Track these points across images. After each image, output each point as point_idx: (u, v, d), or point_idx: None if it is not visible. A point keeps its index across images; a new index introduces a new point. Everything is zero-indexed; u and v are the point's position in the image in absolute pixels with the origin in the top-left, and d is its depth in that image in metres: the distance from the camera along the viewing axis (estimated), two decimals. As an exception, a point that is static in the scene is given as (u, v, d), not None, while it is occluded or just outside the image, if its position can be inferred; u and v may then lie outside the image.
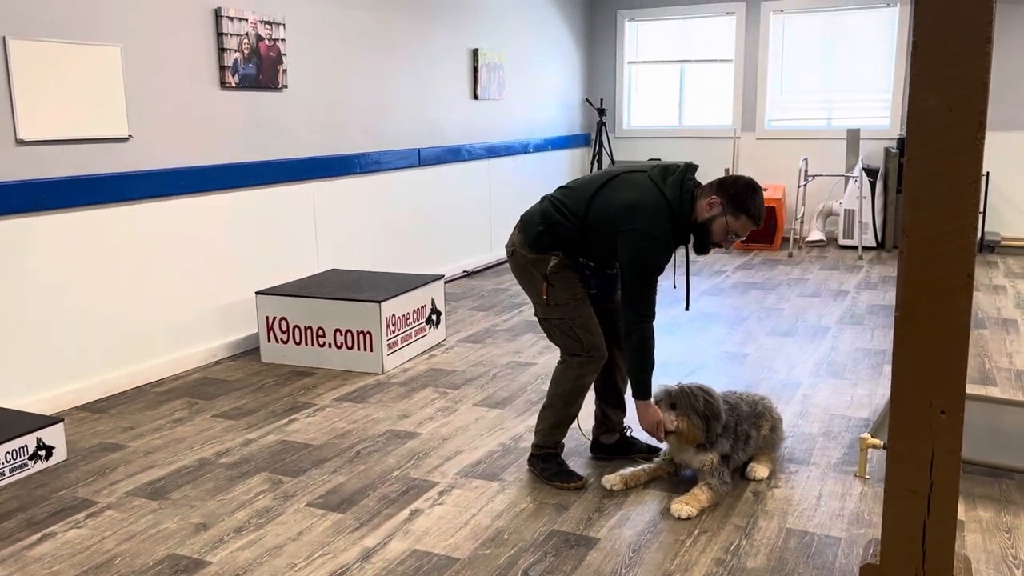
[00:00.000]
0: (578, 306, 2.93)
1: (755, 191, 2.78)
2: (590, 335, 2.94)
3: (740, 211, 2.77)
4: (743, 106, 8.49)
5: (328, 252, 5.39)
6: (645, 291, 2.79)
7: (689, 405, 2.84)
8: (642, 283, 2.78)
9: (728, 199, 2.77)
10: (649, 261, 2.76)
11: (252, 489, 3.00)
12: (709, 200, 2.79)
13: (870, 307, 5.56)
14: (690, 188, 2.82)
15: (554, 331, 2.98)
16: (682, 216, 2.81)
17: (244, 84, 4.66)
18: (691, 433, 2.85)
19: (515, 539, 2.62)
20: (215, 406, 3.87)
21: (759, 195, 2.79)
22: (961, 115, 1.75)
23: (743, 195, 2.76)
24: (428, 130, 6.36)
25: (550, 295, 2.92)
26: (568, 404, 2.99)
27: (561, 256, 2.92)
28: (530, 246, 2.94)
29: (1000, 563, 2.44)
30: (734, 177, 2.82)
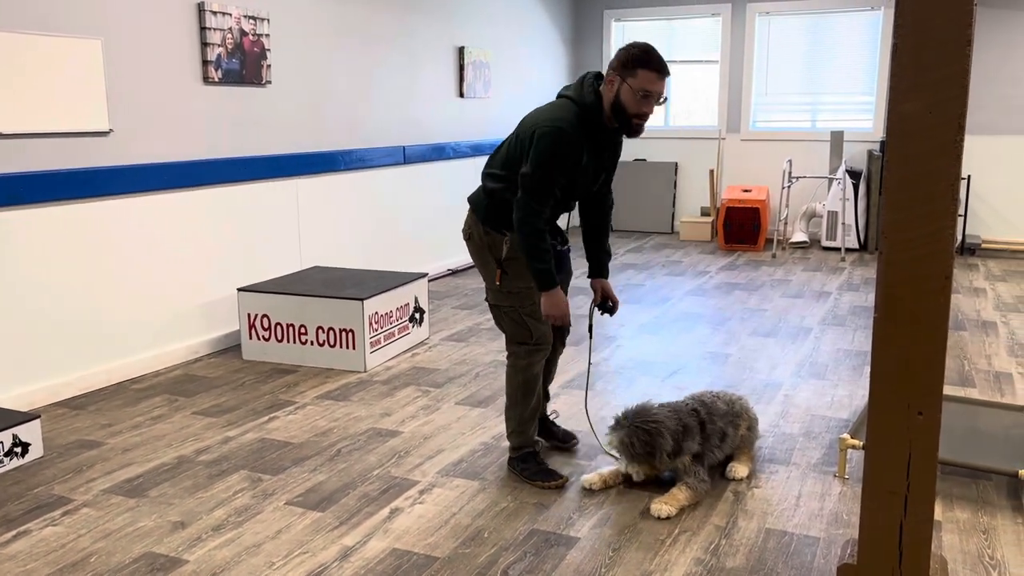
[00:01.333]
0: (529, 295, 2.91)
1: (642, 47, 2.71)
2: (539, 324, 2.95)
3: (634, 67, 2.69)
4: (728, 107, 8.52)
5: (311, 249, 5.36)
6: (542, 185, 2.72)
7: (631, 455, 2.84)
8: (541, 175, 2.72)
9: (620, 65, 2.72)
10: (552, 149, 2.69)
11: (231, 487, 2.98)
12: (608, 80, 2.77)
13: (852, 308, 5.60)
14: (592, 83, 2.81)
15: (503, 318, 3.00)
16: (591, 109, 2.77)
17: (227, 79, 4.62)
18: (651, 472, 2.90)
19: (495, 538, 2.61)
20: (195, 403, 3.84)
21: (650, 48, 2.71)
22: (940, 118, 1.76)
23: (630, 53, 2.70)
24: (413, 128, 6.34)
25: (503, 282, 2.93)
26: (527, 396, 3.01)
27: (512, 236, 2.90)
28: (483, 222, 2.95)
29: (976, 563, 2.46)
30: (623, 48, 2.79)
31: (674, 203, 8.85)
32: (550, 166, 2.71)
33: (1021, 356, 4.50)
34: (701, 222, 8.37)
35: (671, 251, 7.80)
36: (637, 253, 7.69)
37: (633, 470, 2.87)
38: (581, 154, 2.77)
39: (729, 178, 8.61)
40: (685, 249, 7.92)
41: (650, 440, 2.81)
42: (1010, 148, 7.61)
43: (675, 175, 8.80)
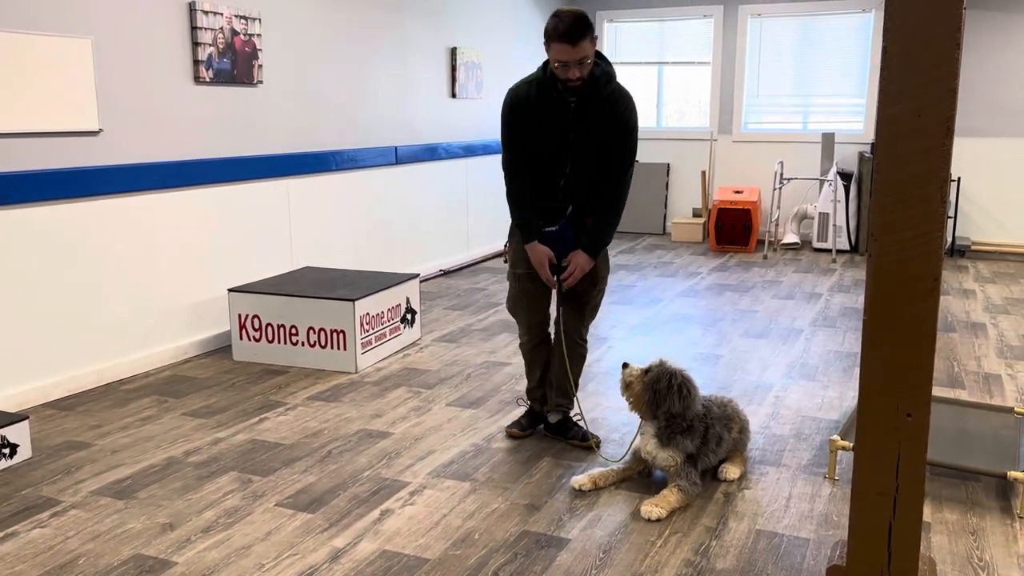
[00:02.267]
0: (513, 280, 3.26)
1: (552, 18, 2.86)
2: (518, 311, 3.31)
3: (547, 40, 2.88)
4: (720, 109, 8.53)
5: (303, 250, 5.35)
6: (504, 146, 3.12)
7: (655, 379, 2.89)
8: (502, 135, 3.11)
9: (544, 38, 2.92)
10: (504, 110, 3.08)
11: (221, 488, 2.96)
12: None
13: (843, 310, 5.61)
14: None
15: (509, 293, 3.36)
16: (543, 78, 3.02)
17: (219, 79, 4.61)
18: (636, 395, 2.92)
19: (485, 540, 2.61)
20: (185, 404, 3.83)
21: (557, 19, 2.84)
22: (929, 121, 1.76)
23: (546, 26, 2.89)
24: (405, 128, 6.34)
25: (507, 253, 3.26)
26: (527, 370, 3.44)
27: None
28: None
29: (965, 565, 2.47)
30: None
31: (666, 204, 8.86)
32: (504, 125, 3.09)
33: (1010, 358, 4.52)
34: (693, 223, 8.38)
35: (663, 252, 7.81)
36: (629, 254, 7.69)
37: (636, 382, 2.90)
38: (531, 117, 3.02)
39: (721, 179, 8.63)
40: (677, 250, 7.93)
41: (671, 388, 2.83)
42: (999, 150, 7.65)
43: (667, 176, 8.81)
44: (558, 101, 3.00)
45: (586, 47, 2.85)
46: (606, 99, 3.00)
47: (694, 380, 2.94)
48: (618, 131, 3.01)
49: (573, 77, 2.89)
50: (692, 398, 2.88)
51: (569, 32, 2.80)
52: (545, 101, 3.01)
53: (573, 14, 2.85)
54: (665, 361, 2.93)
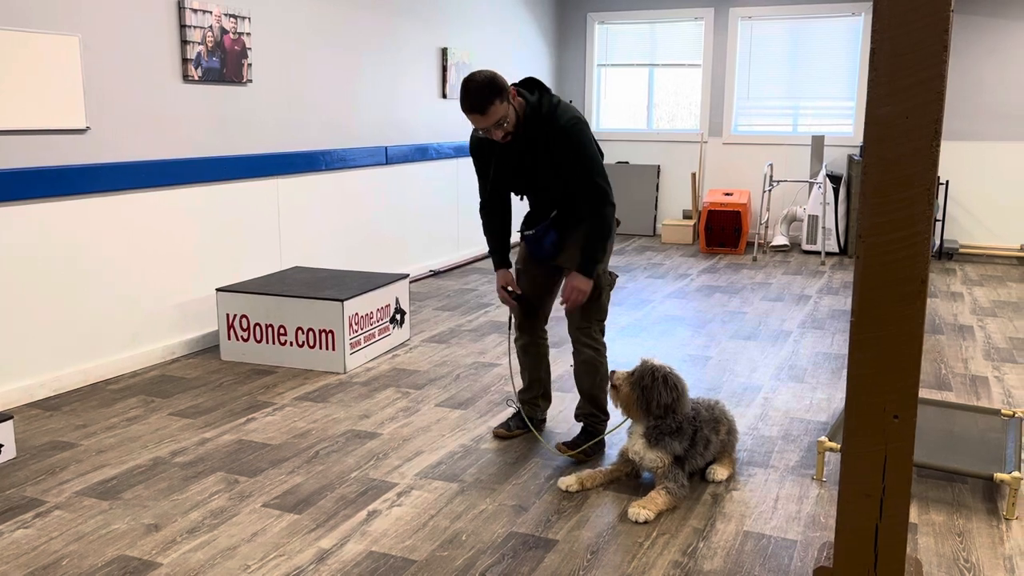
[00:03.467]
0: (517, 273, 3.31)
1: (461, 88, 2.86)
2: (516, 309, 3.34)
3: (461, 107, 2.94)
4: (710, 111, 8.55)
5: (292, 249, 5.33)
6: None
7: (639, 376, 2.89)
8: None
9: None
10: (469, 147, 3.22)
11: (207, 489, 2.94)
12: None
13: (831, 312, 5.63)
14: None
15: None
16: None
17: (207, 78, 4.59)
18: (625, 396, 2.91)
19: (473, 541, 2.60)
20: (172, 404, 3.80)
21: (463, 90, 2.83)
22: (917, 122, 1.77)
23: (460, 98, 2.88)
24: (396, 128, 6.32)
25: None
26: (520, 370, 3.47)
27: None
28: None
29: (952, 566, 2.47)
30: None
31: (656, 206, 8.88)
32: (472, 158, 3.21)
33: (997, 360, 4.55)
34: (683, 225, 8.39)
35: (653, 253, 7.82)
36: (619, 256, 7.70)
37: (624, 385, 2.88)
38: (485, 156, 3.13)
39: (711, 181, 8.64)
40: (667, 252, 7.94)
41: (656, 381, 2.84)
42: (987, 154, 7.69)
43: (657, 178, 8.83)
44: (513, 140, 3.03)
45: (497, 111, 2.83)
46: (545, 131, 2.97)
47: (681, 376, 2.94)
48: (568, 155, 2.97)
49: (498, 138, 2.94)
50: (680, 391, 2.88)
51: (475, 104, 2.82)
52: (492, 142, 3.08)
53: (479, 83, 2.81)
54: (648, 360, 2.94)
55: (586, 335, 3.20)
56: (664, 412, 2.86)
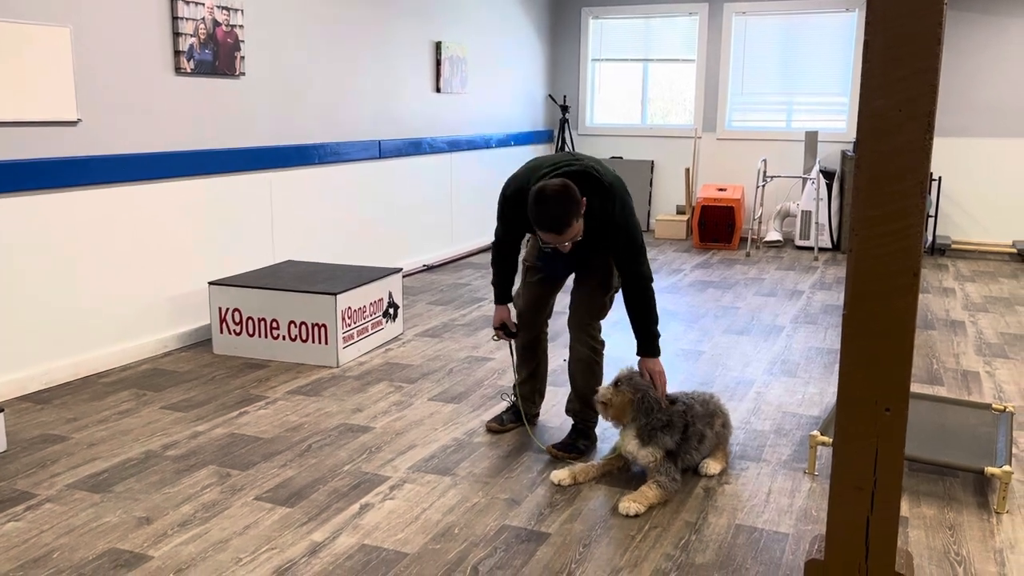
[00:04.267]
0: (525, 269, 3.31)
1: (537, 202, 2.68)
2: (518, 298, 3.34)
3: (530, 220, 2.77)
4: (704, 106, 8.55)
5: (284, 243, 5.32)
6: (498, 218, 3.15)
7: (628, 384, 2.90)
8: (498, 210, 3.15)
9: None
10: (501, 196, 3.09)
11: (199, 482, 2.94)
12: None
13: (824, 307, 5.64)
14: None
15: None
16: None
17: (200, 70, 4.56)
18: (617, 408, 2.91)
19: (465, 534, 2.60)
20: (164, 398, 3.79)
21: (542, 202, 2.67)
22: (910, 116, 1.77)
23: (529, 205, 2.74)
24: (389, 122, 6.31)
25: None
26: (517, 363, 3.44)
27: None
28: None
29: (943, 559, 2.48)
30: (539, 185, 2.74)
31: (650, 201, 8.88)
32: (499, 206, 3.09)
33: (988, 355, 4.56)
34: (676, 220, 8.40)
35: (647, 248, 7.82)
36: (613, 251, 7.69)
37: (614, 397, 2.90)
38: (515, 215, 3.02)
39: (705, 177, 8.65)
40: (660, 247, 7.95)
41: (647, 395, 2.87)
42: (980, 150, 7.71)
43: (651, 173, 8.83)
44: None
45: (573, 229, 2.72)
46: (601, 226, 2.90)
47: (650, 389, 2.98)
48: (619, 246, 2.92)
49: (565, 250, 2.89)
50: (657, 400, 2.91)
51: (554, 224, 2.68)
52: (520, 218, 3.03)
53: (558, 199, 2.65)
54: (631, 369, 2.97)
55: (588, 333, 3.19)
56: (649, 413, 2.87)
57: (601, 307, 3.19)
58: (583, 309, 3.18)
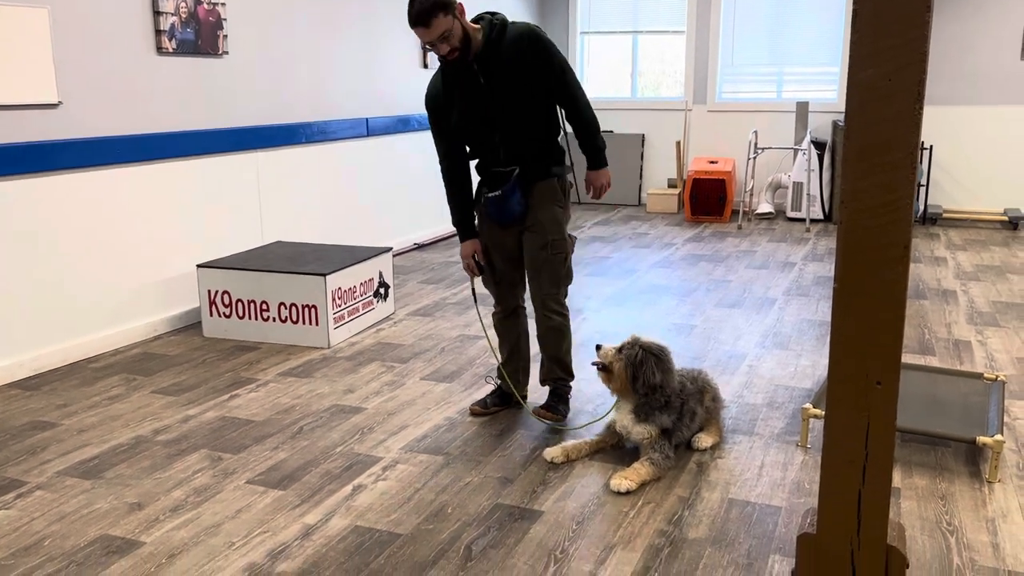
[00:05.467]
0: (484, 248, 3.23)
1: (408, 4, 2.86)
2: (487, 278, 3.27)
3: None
4: (695, 78, 8.49)
5: (273, 224, 5.27)
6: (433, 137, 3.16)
7: (630, 354, 2.87)
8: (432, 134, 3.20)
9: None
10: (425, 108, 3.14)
11: (190, 467, 2.92)
12: None
13: (816, 279, 5.64)
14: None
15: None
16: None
17: (182, 50, 4.50)
18: (618, 378, 2.88)
19: (459, 513, 2.59)
20: (154, 382, 3.77)
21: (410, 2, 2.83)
22: (899, 85, 1.74)
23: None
24: (376, 99, 6.24)
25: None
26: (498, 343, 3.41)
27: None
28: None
29: (934, 530, 2.49)
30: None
31: (641, 175, 8.84)
32: (430, 123, 3.12)
33: (980, 324, 4.57)
34: (668, 194, 8.37)
35: (638, 223, 7.80)
36: (604, 226, 7.67)
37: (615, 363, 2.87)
38: (447, 101, 3.02)
39: (696, 149, 8.61)
40: (652, 221, 7.92)
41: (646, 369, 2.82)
42: (971, 119, 7.68)
43: (642, 147, 8.78)
44: (464, 74, 2.99)
45: (441, 23, 2.81)
46: (508, 47, 2.95)
47: (669, 350, 2.93)
48: (537, 65, 2.97)
49: (443, 53, 2.90)
50: (670, 370, 2.87)
51: (420, 17, 2.81)
52: (452, 80, 3.02)
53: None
54: (639, 337, 2.92)
55: (555, 300, 3.17)
56: (651, 391, 2.85)
57: (566, 272, 3.17)
58: (545, 280, 3.14)
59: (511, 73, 2.95)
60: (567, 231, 3.16)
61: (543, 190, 3.08)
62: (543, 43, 2.98)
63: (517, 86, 2.96)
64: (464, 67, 2.97)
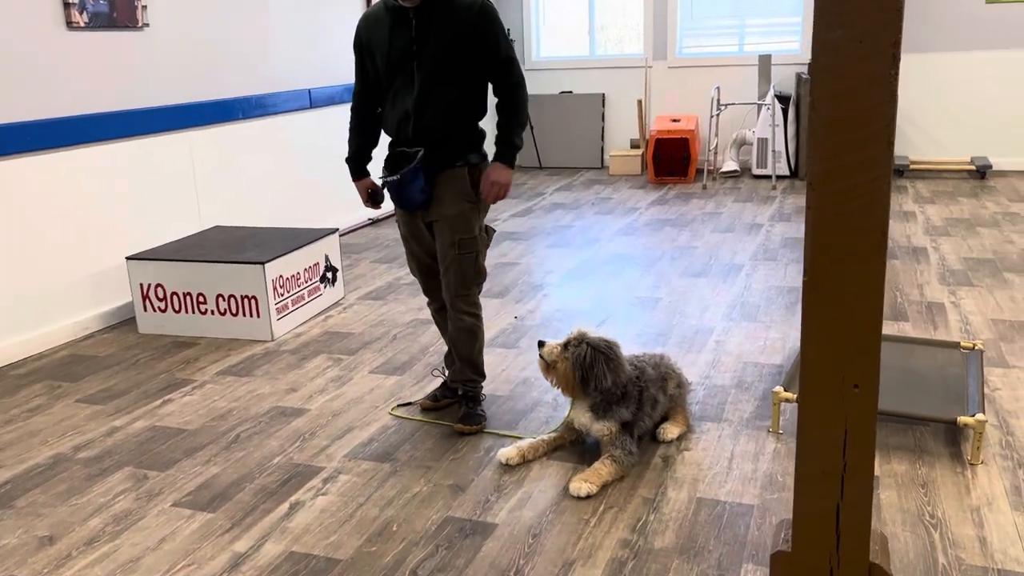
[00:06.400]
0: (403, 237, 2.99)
1: None
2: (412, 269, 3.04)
3: None
4: (654, 33, 8.20)
5: (211, 208, 4.96)
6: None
7: (579, 356, 2.64)
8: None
9: None
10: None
11: (112, 489, 2.67)
12: None
13: (784, 240, 5.45)
14: None
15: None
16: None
17: (96, 23, 4.13)
18: (563, 378, 2.66)
19: (405, 531, 2.38)
20: (81, 389, 3.49)
21: None
22: (873, 47, 1.50)
23: None
24: (319, 69, 5.89)
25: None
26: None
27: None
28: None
29: (917, 523, 2.32)
30: None
31: (603, 136, 8.57)
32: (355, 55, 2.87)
33: (953, 284, 4.41)
34: (631, 155, 8.12)
35: (601, 187, 7.55)
36: (567, 191, 7.42)
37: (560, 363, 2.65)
38: (374, 36, 2.75)
39: (658, 108, 8.34)
40: (615, 184, 7.68)
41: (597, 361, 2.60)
42: (936, 65, 7.49)
43: (603, 107, 8.50)
44: (401, 19, 2.70)
45: None
46: (456, 10, 2.67)
47: (618, 345, 2.70)
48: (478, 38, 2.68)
49: None
50: (620, 366, 2.66)
51: None
52: (389, 21, 2.72)
53: None
54: (585, 332, 2.69)
55: (466, 301, 2.90)
56: (604, 391, 2.64)
57: (476, 271, 2.88)
58: (453, 280, 2.85)
59: (446, 36, 2.67)
60: (482, 224, 2.87)
61: (449, 181, 2.78)
62: (494, 23, 2.69)
63: (447, 53, 2.68)
64: (402, 14, 2.69)
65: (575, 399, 2.72)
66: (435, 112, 2.72)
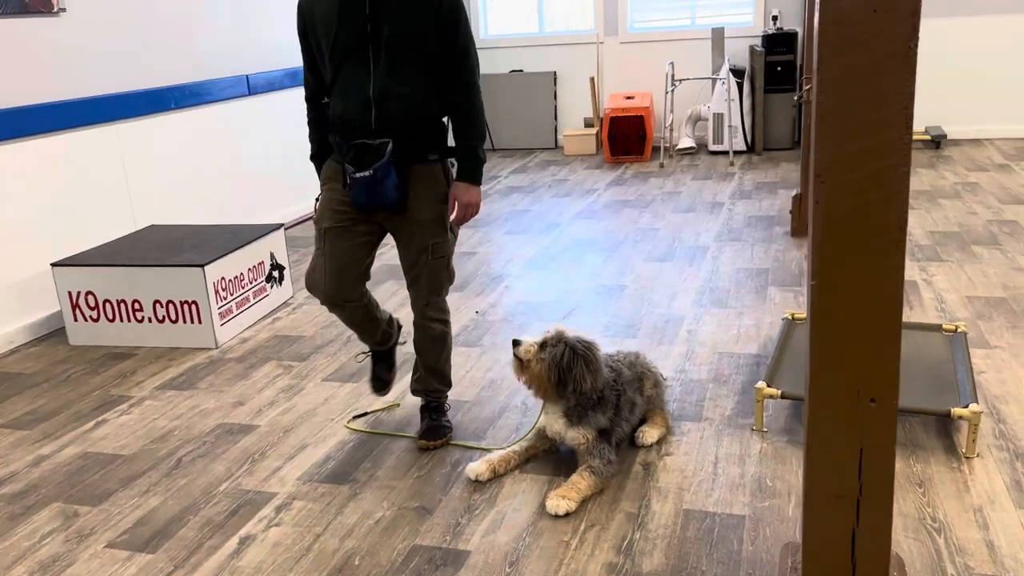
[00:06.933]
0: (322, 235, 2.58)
1: None
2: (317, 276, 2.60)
3: None
4: (604, 8, 7.98)
5: (145, 206, 4.62)
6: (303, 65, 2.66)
7: (556, 356, 2.43)
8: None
9: None
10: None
11: (37, 530, 2.40)
12: None
13: (747, 219, 5.30)
14: None
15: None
16: None
17: (5, 10, 3.77)
18: (537, 378, 2.46)
19: (368, 565, 2.15)
20: (3, 412, 3.19)
21: None
22: (890, 17, 1.31)
23: None
24: (257, 53, 5.56)
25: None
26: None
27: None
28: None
29: (919, 528, 2.17)
30: None
31: (556, 116, 8.35)
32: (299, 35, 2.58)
33: (922, 259, 4.30)
34: (585, 134, 7.91)
35: (556, 168, 7.34)
36: (522, 174, 7.19)
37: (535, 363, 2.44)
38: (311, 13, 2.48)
39: (611, 85, 8.14)
40: (571, 165, 7.47)
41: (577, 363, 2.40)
42: (890, 35, 7.39)
43: (555, 86, 8.27)
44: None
45: None
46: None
47: (597, 346, 2.51)
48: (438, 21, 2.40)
49: None
50: (599, 368, 2.46)
51: None
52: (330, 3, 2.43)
53: None
54: (564, 331, 2.48)
55: (435, 308, 2.65)
56: (580, 395, 2.44)
57: (448, 276, 2.64)
58: (425, 287, 2.60)
59: (406, 13, 2.38)
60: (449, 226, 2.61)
61: (423, 177, 2.51)
62: (458, 9, 2.41)
63: (411, 33, 2.39)
64: None
65: (548, 402, 2.52)
66: (401, 101, 2.43)
